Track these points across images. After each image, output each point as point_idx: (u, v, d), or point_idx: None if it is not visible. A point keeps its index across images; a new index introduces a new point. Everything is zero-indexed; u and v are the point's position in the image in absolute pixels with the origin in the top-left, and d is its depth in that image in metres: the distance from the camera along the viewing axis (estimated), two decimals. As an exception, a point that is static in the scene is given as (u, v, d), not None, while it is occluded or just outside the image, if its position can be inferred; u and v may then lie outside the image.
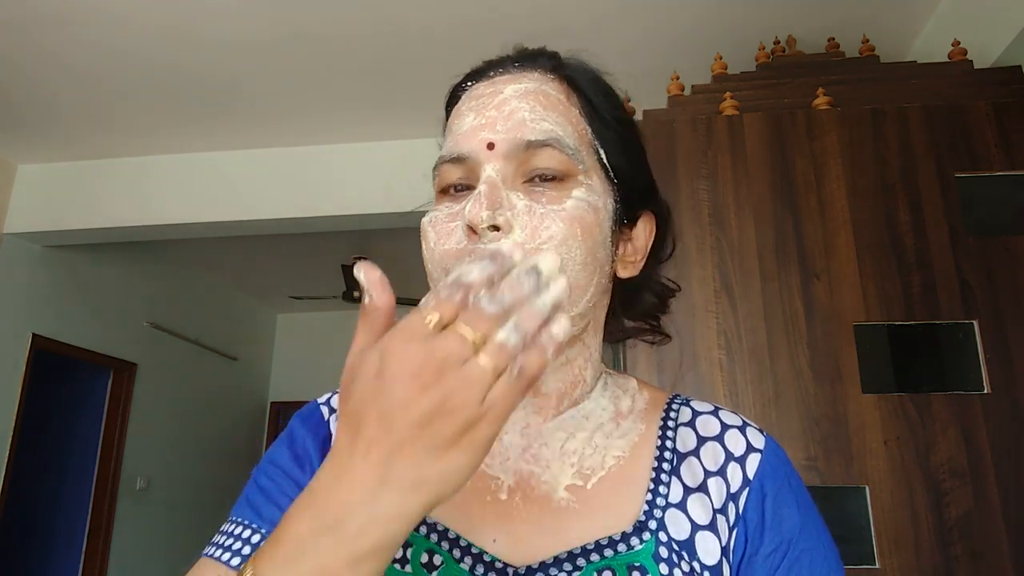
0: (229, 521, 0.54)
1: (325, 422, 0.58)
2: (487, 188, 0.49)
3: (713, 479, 0.53)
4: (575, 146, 0.52)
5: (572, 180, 0.51)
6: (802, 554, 0.51)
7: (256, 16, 2.40)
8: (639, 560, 0.49)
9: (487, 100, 0.53)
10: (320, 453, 0.56)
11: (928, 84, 1.77)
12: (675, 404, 0.59)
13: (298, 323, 6.54)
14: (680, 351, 1.64)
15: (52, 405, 4.35)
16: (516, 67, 0.55)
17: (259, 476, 0.56)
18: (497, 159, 0.50)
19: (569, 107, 0.54)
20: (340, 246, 4.68)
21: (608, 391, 0.58)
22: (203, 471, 5.27)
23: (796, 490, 0.54)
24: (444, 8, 2.37)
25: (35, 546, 4.23)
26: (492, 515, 0.52)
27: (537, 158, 0.51)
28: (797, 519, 0.52)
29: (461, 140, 0.52)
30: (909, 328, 1.60)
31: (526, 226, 0.49)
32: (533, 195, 0.50)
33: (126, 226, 3.47)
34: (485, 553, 0.50)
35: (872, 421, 1.55)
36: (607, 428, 0.56)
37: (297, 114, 3.10)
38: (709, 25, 2.43)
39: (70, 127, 3.21)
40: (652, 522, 0.50)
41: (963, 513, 1.47)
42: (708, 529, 0.51)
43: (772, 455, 0.55)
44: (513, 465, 0.54)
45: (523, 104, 0.52)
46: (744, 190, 1.72)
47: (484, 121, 0.52)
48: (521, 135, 0.51)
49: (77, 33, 2.49)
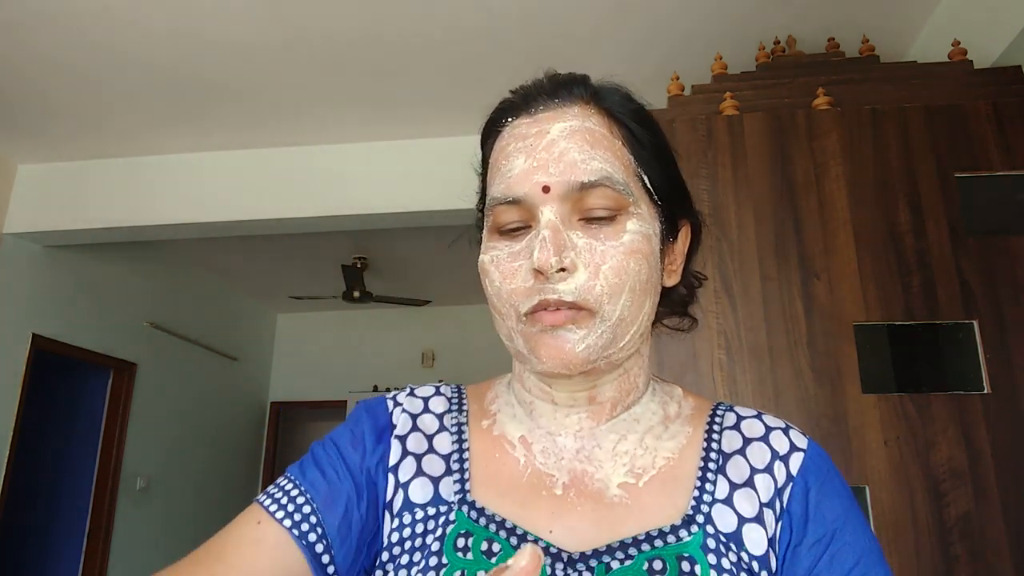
0: (284, 477, 0.59)
1: (388, 413, 0.62)
2: (551, 234, 0.52)
3: (760, 475, 0.56)
4: (624, 181, 0.55)
5: (624, 213, 0.54)
6: (844, 546, 0.53)
7: (256, 17, 2.40)
8: (688, 551, 0.52)
9: (535, 141, 0.55)
10: (374, 437, 0.60)
11: (928, 84, 1.77)
12: (720, 410, 0.63)
13: (298, 323, 6.54)
14: (680, 351, 1.64)
15: (52, 405, 4.34)
16: (555, 102, 0.57)
17: (316, 447, 0.60)
18: (553, 201, 0.53)
19: (613, 140, 0.56)
20: (340, 246, 4.69)
21: (657, 396, 0.62)
22: (203, 471, 5.27)
23: (839, 487, 0.57)
24: (444, 10, 2.37)
25: (35, 546, 4.22)
26: (548, 508, 0.55)
27: (591, 197, 0.53)
28: (840, 512, 0.55)
29: (514, 184, 0.54)
30: (909, 328, 1.60)
31: (588, 263, 0.52)
32: (590, 232, 0.54)
33: (126, 226, 3.47)
34: (542, 540, 0.53)
35: (872, 421, 1.55)
36: (656, 431, 0.59)
37: (297, 114, 3.10)
38: (709, 25, 2.43)
39: (70, 127, 3.21)
40: (700, 516, 0.54)
41: (963, 513, 1.47)
42: (755, 521, 0.54)
43: (815, 454, 0.58)
44: (568, 464, 0.57)
45: (572, 144, 0.54)
46: (744, 190, 1.72)
47: (536, 164, 0.54)
48: (575, 177, 0.53)
49: (78, 33, 2.49)
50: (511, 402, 0.63)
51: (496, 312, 0.57)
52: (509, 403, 0.63)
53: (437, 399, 0.64)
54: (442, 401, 0.64)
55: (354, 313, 6.21)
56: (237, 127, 3.22)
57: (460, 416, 0.62)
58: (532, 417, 0.60)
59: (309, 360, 6.37)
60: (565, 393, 0.58)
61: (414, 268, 5.16)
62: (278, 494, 0.57)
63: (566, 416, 0.59)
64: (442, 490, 0.57)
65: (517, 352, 0.57)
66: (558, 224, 0.53)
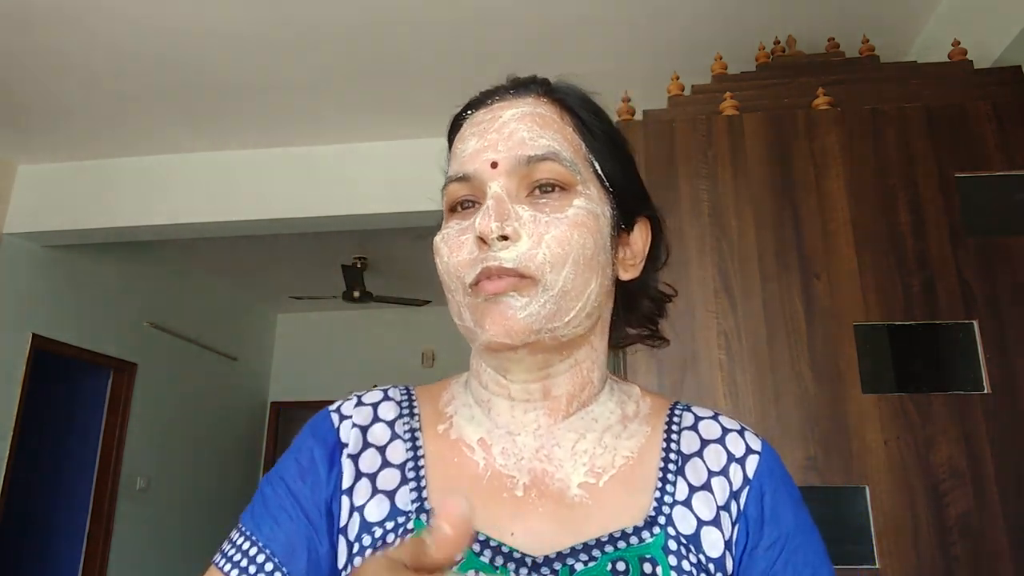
0: (237, 530, 0.57)
1: (334, 429, 0.61)
2: (494, 202, 0.53)
3: (716, 478, 0.57)
4: (572, 159, 0.56)
5: (572, 191, 0.56)
6: (798, 548, 0.55)
7: (257, 18, 2.40)
8: (650, 552, 0.52)
9: (488, 125, 0.58)
10: (326, 463, 0.59)
11: (928, 84, 1.77)
12: (677, 409, 0.63)
13: (298, 323, 6.54)
14: (680, 351, 1.64)
15: (52, 405, 4.34)
16: (511, 94, 0.60)
17: (264, 485, 0.59)
18: (501, 176, 0.55)
19: (563, 125, 0.58)
20: (340, 246, 4.69)
21: (614, 395, 0.62)
22: (203, 471, 5.27)
23: (791, 491, 0.59)
24: (446, 11, 2.37)
25: (35, 546, 4.22)
26: (509, 511, 0.54)
27: (538, 171, 0.55)
28: (792, 516, 0.57)
29: (465, 161, 0.57)
30: (909, 328, 1.60)
31: (532, 233, 0.53)
32: (537, 206, 0.54)
33: (126, 226, 3.47)
34: (504, 545, 0.52)
35: (872, 421, 1.55)
36: (615, 430, 0.59)
37: (297, 114, 3.10)
38: (709, 25, 2.43)
39: (70, 127, 3.21)
40: (661, 518, 0.54)
41: (963, 513, 1.47)
42: (712, 524, 0.55)
43: (769, 457, 0.60)
44: (528, 464, 0.57)
45: (521, 125, 0.56)
46: (744, 190, 1.72)
47: (486, 143, 0.56)
48: (522, 152, 0.55)
49: (78, 33, 2.49)
50: (468, 403, 0.62)
51: (447, 291, 0.58)
52: (467, 404, 0.62)
53: (386, 404, 0.63)
54: (392, 406, 0.63)
55: (354, 313, 6.21)
56: (237, 128, 3.22)
57: (412, 421, 0.61)
58: (490, 417, 0.60)
59: (309, 360, 6.37)
60: (519, 385, 0.58)
61: (414, 268, 5.16)
62: (236, 555, 0.55)
63: (524, 413, 0.58)
64: (398, 501, 0.56)
65: (466, 329, 0.57)
66: (503, 195, 0.54)
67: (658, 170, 1.75)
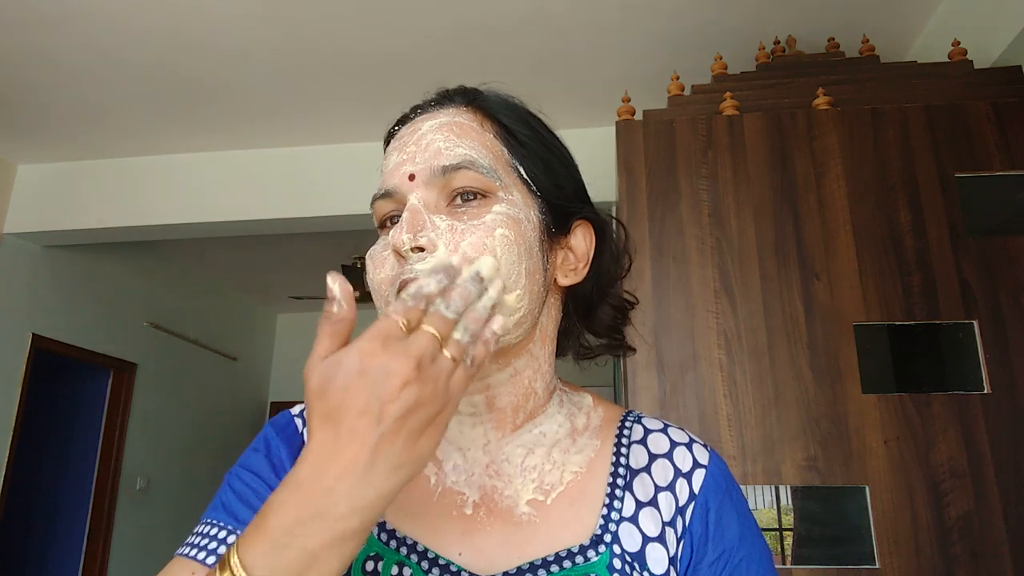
0: (202, 523, 0.56)
1: (299, 433, 0.61)
2: (408, 214, 0.53)
3: (663, 494, 0.57)
4: (490, 166, 0.55)
5: (492, 197, 0.55)
6: (741, 561, 0.56)
7: (255, 17, 2.40)
8: (595, 571, 0.52)
9: (407, 138, 0.58)
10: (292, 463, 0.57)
11: (928, 84, 1.77)
12: (628, 421, 0.63)
13: (298, 323, 6.54)
14: (680, 351, 1.64)
15: (52, 405, 4.34)
16: (433, 106, 0.60)
17: (233, 480, 0.57)
18: (419, 187, 0.55)
19: (483, 132, 0.58)
20: (340, 246, 4.68)
21: (564, 408, 0.62)
22: (203, 471, 5.26)
23: (736, 502, 0.59)
24: (444, 10, 2.37)
25: (35, 546, 4.22)
26: (458, 529, 0.55)
27: (455, 180, 0.54)
28: (736, 529, 0.57)
29: (387, 177, 0.57)
30: (909, 328, 1.60)
31: (449, 242, 0.52)
32: (455, 215, 0.54)
33: (126, 226, 3.47)
34: (452, 564, 0.52)
35: (872, 421, 1.55)
36: (564, 444, 0.59)
37: (298, 114, 3.10)
38: (709, 25, 2.43)
39: (70, 127, 3.21)
40: (607, 535, 0.54)
41: (963, 513, 1.47)
42: (657, 541, 0.55)
43: (716, 470, 0.60)
44: (477, 480, 0.57)
45: (438, 136, 0.56)
46: (744, 190, 1.72)
47: (405, 156, 0.56)
48: (437, 162, 0.55)
49: (78, 34, 2.49)
50: None
51: (377, 308, 0.58)
52: None
53: None
54: None
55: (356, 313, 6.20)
56: (237, 127, 3.22)
57: None
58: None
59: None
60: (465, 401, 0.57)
61: (414, 268, 5.15)
62: (206, 542, 0.54)
63: (472, 428, 0.58)
64: None
65: None
66: (419, 207, 0.54)
67: (658, 170, 1.75)
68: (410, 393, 0.40)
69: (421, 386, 0.40)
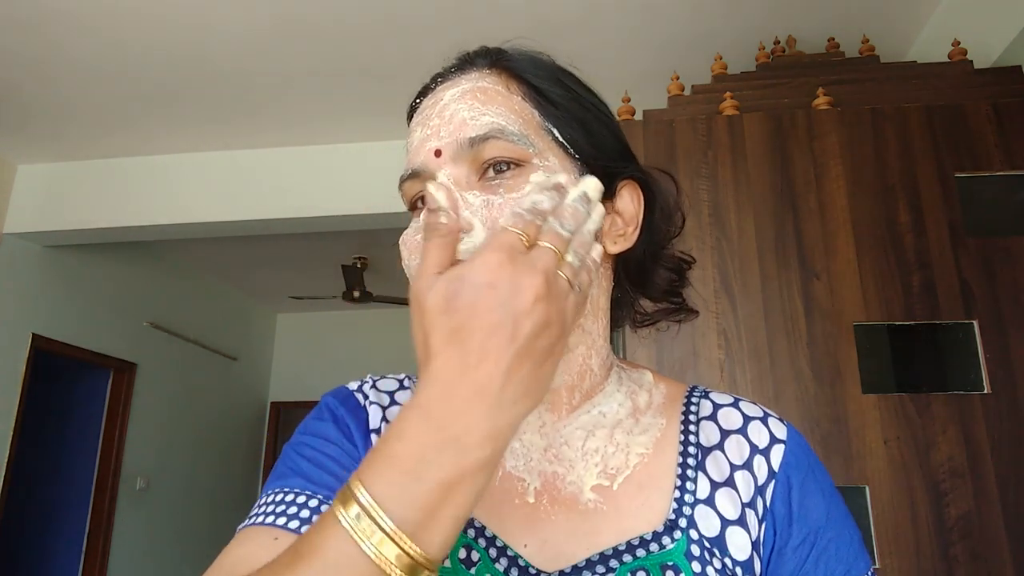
0: (271, 492, 0.51)
1: (362, 407, 0.57)
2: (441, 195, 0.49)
3: (740, 472, 0.53)
4: (520, 132, 0.51)
5: (527, 166, 0.51)
6: (829, 543, 0.51)
7: (256, 19, 2.40)
8: (672, 559, 0.48)
9: (429, 111, 0.54)
10: (362, 435, 0.55)
11: (928, 84, 1.77)
12: (694, 397, 0.59)
13: (298, 323, 6.54)
14: (680, 351, 1.64)
15: (52, 405, 4.34)
16: (454, 72, 0.56)
17: (302, 449, 0.54)
18: (446, 164, 0.51)
19: (510, 96, 0.54)
20: (340, 246, 4.68)
21: (623, 387, 0.58)
22: (203, 471, 5.27)
23: (820, 479, 0.54)
24: (447, 12, 2.37)
25: (35, 546, 4.22)
26: (521, 519, 0.51)
27: (484, 152, 0.51)
28: (823, 509, 0.53)
29: (413, 156, 0.53)
30: (909, 328, 1.60)
31: (486, 219, 0.49)
32: (489, 189, 0.50)
33: (126, 226, 3.47)
34: (520, 557, 0.50)
35: (872, 421, 1.55)
36: (626, 425, 0.55)
37: (297, 114, 3.10)
38: (709, 25, 2.43)
39: (70, 127, 3.21)
40: (682, 520, 0.50)
41: (963, 513, 1.47)
42: (737, 524, 0.51)
43: (795, 445, 0.55)
44: (537, 466, 0.54)
45: (461, 105, 0.52)
46: (744, 190, 1.72)
47: (429, 131, 0.53)
48: (463, 134, 0.51)
49: (77, 34, 2.49)
50: None
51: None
52: None
53: (403, 394, 0.59)
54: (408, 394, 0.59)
55: (354, 313, 6.21)
56: (238, 127, 3.22)
57: None
58: None
59: (309, 360, 6.37)
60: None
61: (414, 268, 5.15)
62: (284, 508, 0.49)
63: None
64: None
65: None
66: (450, 185, 0.50)
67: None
68: (540, 310, 0.37)
69: (549, 304, 0.38)
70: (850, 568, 0.51)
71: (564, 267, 0.40)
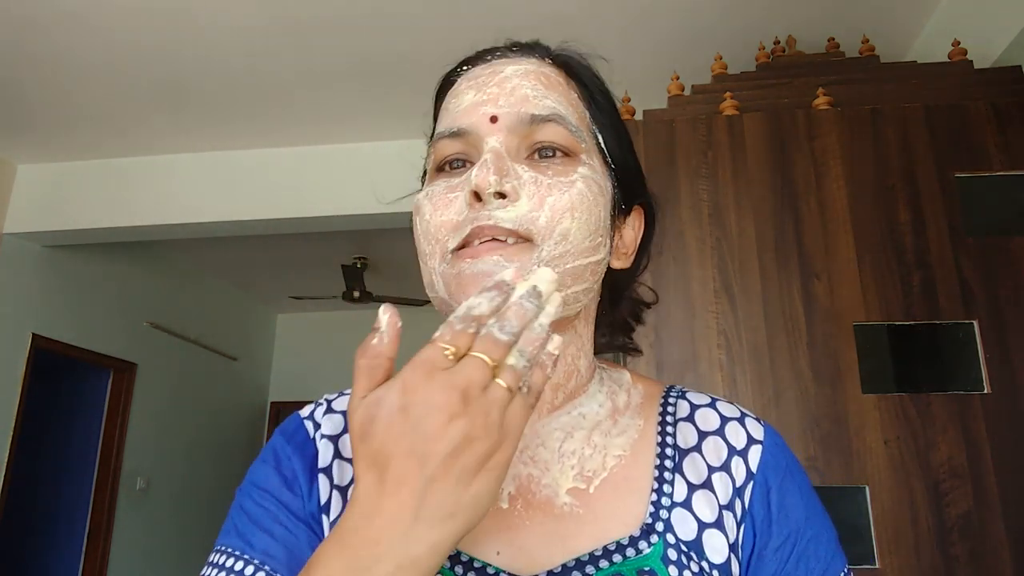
0: (217, 551, 0.51)
1: (311, 440, 0.55)
2: (493, 156, 0.48)
3: (717, 475, 0.53)
4: (577, 125, 0.52)
5: (576, 159, 0.51)
6: (809, 543, 0.51)
7: (257, 19, 2.40)
8: (648, 564, 0.48)
9: (487, 79, 0.52)
10: (308, 474, 0.53)
11: (928, 84, 1.77)
12: (671, 397, 0.58)
13: (298, 323, 6.54)
14: (680, 351, 1.64)
15: (52, 405, 4.34)
16: (513, 52, 0.55)
17: (244, 501, 0.53)
18: (500, 132, 0.50)
19: (568, 90, 0.54)
20: (340, 246, 4.68)
21: (604, 387, 0.57)
22: (203, 471, 5.26)
23: (798, 479, 0.54)
24: (446, 12, 2.37)
25: (35, 546, 4.22)
26: (494, 526, 0.50)
27: (541, 132, 0.50)
28: (802, 509, 0.52)
29: (460, 115, 0.51)
30: (909, 328, 1.60)
31: (533, 195, 0.48)
32: (538, 168, 0.50)
33: (126, 226, 3.47)
34: (489, 566, 0.48)
35: (872, 421, 1.55)
36: (605, 426, 0.55)
37: (297, 114, 3.10)
38: (709, 25, 2.43)
39: (70, 127, 3.21)
40: (659, 524, 0.50)
41: (963, 513, 1.47)
42: (714, 527, 0.50)
43: (773, 445, 0.55)
44: (512, 469, 0.52)
45: (525, 82, 0.52)
46: (744, 190, 1.72)
47: (486, 97, 0.51)
48: (525, 109, 0.50)
49: (78, 35, 2.49)
50: None
51: (421, 257, 0.53)
52: None
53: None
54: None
55: (354, 313, 6.20)
56: (238, 128, 3.22)
57: None
58: None
59: (309, 360, 6.37)
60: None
61: (414, 268, 5.13)
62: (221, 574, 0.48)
63: None
64: None
65: (439, 301, 0.52)
66: (502, 151, 0.49)
67: (658, 170, 1.75)
68: (457, 429, 0.36)
69: (470, 420, 0.36)
70: (828, 567, 0.51)
71: (504, 373, 0.38)
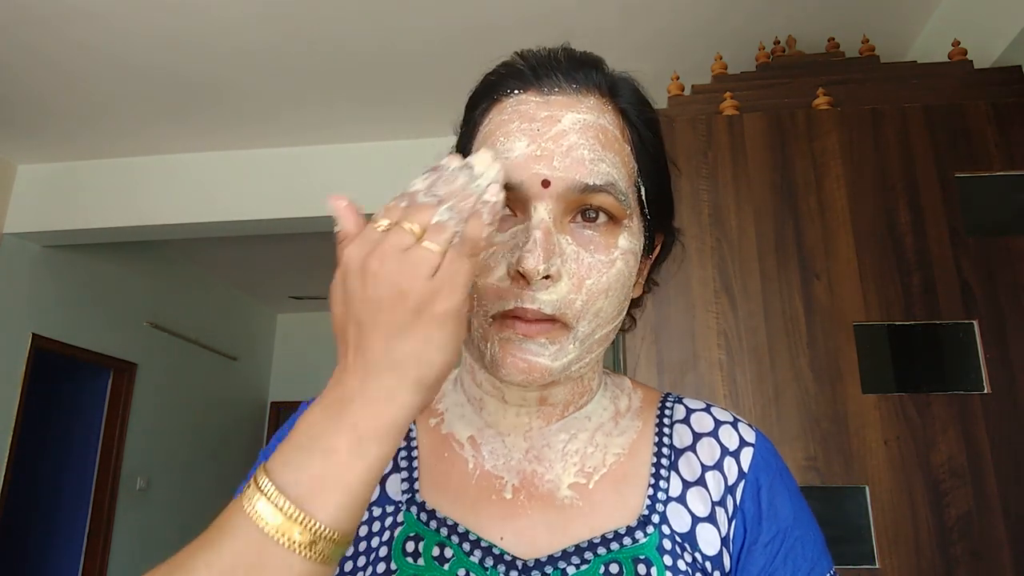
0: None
1: None
2: (542, 236, 0.48)
3: (710, 473, 0.55)
4: (626, 191, 0.52)
5: (619, 226, 0.52)
6: (796, 542, 0.54)
7: (254, 18, 2.40)
8: (644, 553, 0.51)
9: (543, 128, 0.51)
10: None
11: (928, 84, 1.77)
12: (668, 402, 0.61)
13: (298, 323, 6.54)
14: (680, 351, 1.64)
15: (52, 405, 4.34)
16: (572, 87, 0.53)
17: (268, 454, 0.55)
18: (551, 199, 0.49)
19: (623, 144, 0.54)
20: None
21: (608, 391, 0.60)
22: (203, 471, 5.26)
23: (787, 481, 0.57)
24: (445, 10, 2.37)
25: (35, 546, 4.22)
26: (498, 513, 0.53)
27: (590, 200, 0.50)
28: (790, 509, 0.55)
29: (512, 168, 0.49)
30: (909, 328, 1.60)
31: (573, 275, 0.50)
32: (581, 239, 0.51)
33: (126, 226, 3.47)
34: (494, 547, 0.51)
35: (872, 421, 1.55)
36: (607, 427, 0.58)
37: (297, 114, 3.10)
38: (709, 25, 2.43)
39: (70, 127, 3.21)
40: (655, 516, 0.52)
41: (963, 513, 1.47)
42: (708, 521, 0.53)
43: (764, 448, 0.58)
44: (517, 466, 0.55)
45: (583, 140, 0.50)
46: (744, 190, 1.72)
47: (540, 152, 0.50)
48: (579, 177, 0.49)
49: (78, 34, 2.49)
50: (459, 401, 0.60)
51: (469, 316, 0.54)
52: (458, 402, 0.60)
53: None
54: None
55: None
56: (237, 127, 3.22)
57: None
58: (481, 416, 0.58)
59: (309, 360, 6.37)
60: (516, 393, 0.55)
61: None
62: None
63: (516, 416, 0.56)
64: (389, 488, 0.55)
65: (477, 353, 0.53)
66: (551, 225, 0.49)
67: (658, 170, 1.75)
68: (375, 286, 0.40)
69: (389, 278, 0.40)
70: (814, 567, 0.53)
71: (430, 232, 0.42)
